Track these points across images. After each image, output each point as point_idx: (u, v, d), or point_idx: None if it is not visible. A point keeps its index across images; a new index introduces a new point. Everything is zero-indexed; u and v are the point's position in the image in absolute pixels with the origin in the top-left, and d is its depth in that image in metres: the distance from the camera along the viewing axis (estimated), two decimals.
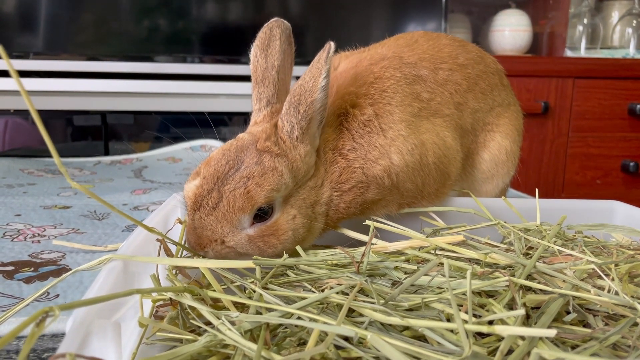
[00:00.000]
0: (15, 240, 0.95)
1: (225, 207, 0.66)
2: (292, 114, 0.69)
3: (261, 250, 0.68)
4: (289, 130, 0.70)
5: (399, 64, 0.83)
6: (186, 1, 2.24)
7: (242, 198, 0.66)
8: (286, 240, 0.69)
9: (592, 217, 0.86)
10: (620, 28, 2.81)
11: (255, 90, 0.76)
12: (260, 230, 0.68)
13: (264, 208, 0.67)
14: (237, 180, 0.66)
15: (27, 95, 0.48)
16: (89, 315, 0.47)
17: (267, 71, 0.75)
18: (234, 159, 0.68)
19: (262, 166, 0.67)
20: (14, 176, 1.56)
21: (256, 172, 0.67)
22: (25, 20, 2.13)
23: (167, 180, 1.57)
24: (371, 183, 0.75)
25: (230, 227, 0.66)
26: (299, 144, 0.70)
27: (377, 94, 0.78)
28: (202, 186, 0.67)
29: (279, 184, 0.67)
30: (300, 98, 0.68)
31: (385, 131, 0.76)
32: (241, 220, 0.66)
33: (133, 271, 0.60)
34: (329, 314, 0.54)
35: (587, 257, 0.62)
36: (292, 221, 0.69)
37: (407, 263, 0.63)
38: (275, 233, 0.68)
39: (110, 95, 2.13)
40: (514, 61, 2.50)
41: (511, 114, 0.97)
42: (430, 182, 0.80)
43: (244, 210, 0.66)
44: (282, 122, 0.70)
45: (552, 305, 0.52)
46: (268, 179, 0.67)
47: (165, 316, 0.57)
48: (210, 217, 0.66)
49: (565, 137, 2.53)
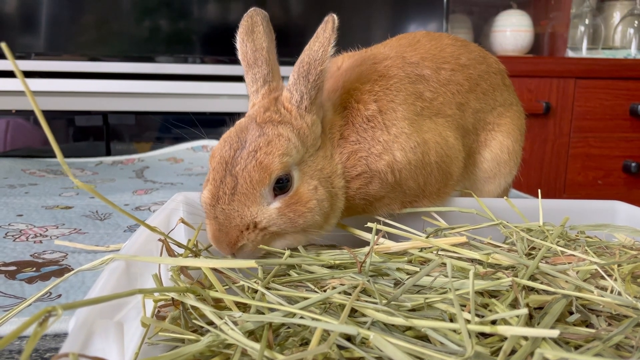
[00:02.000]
0: (17, 241, 0.95)
1: (243, 187, 0.66)
2: (302, 83, 0.70)
3: (293, 222, 0.67)
4: (298, 100, 0.70)
5: (402, 64, 0.83)
6: (187, 2, 2.24)
7: (257, 171, 0.65)
8: (313, 209, 0.69)
9: (594, 217, 0.86)
10: (622, 28, 2.80)
11: (250, 74, 0.76)
12: (285, 200, 0.68)
13: (283, 180, 0.67)
14: (245, 157, 0.66)
15: (32, 94, 0.48)
16: (91, 315, 0.47)
17: (257, 53, 0.76)
18: (237, 141, 0.69)
19: (266, 136, 0.67)
20: (15, 176, 1.56)
21: (262, 143, 0.67)
22: (27, 20, 2.13)
23: (168, 180, 1.57)
24: (374, 177, 0.76)
25: (256, 205, 0.66)
26: (307, 113, 0.71)
27: (381, 91, 0.78)
28: (214, 179, 0.67)
29: (288, 148, 0.67)
30: (309, 67, 0.69)
31: (389, 128, 0.77)
32: (263, 194, 0.66)
33: (135, 271, 0.60)
34: (332, 314, 0.54)
35: (589, 257, 0.62)
36: (315, 191, 0.69)
37: (410, 264, 0.63)
38: (300, 201, 0.68)
39: (111, 95, 2.13)
40: (516, 61, 2.50)
41: (513, 113, 0.97)
42: (432, 181, 0.80)
43: (263, 183, 0.66)
44: (290, 93, 0.71)
45: (555, 305, 0.52)
46: (275, 145, 0.67)
47: (168, 316, 0.57)
48: (232, 203, 0.66)
49: (566, 138, 2.53)
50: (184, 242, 0.80)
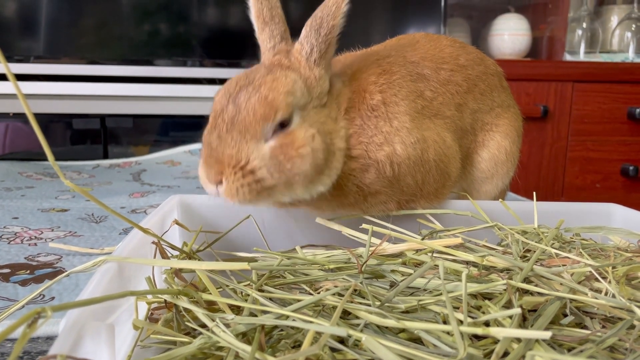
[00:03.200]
0: (12, 243, 0.95)
1: (245, 119, 0.65)
2: (313, 36, 0.71)
3: (281, 166, 0.66)
4: (308, 52, 0.71)
5: (404, 62, 0.84)
6: (186, 5, 2.24)
7: (262, 105, 0.65)
8: (305, 156, 0.67)
9: (589, 220, 0.85)
10: (619, 32, 2.81)
11: (266, 31, 0.76)
12: (279, 139, 0.67)
13: (284, 121, 0.67)
14: (250, 90, 0.66)
15: (23, 96, 0.48)
16: (82, 316, 0.47)
17: (274, 10, 0.76)
18: (244, 79, 0.69)
19: (273, 74, 0.68)
20: (12, 179, 1.56)
21: (268, 79, 0.67)
22: (26, 24, 2.13)
23: (165, 183, 1.57)
24: (371, 166, 0.75)
25: (255, 141, 0.65)
26: (316, 67, 0.72)
27: (385, 84, 0.79)
28: (214, 110, 0.67)
29: (294, 88, 0.67)
30: (322, 21, 0.70)
31: (391, 120, 0.77)
32: (264, 131, 0.66)
33: (128, 273, 0.60)
34: (325, 316, 0.54)
35: (584, 260, 0.62)
36: (311, 139, 0.68)
37: (404, 266, 0.63)
38: (293, 143, 0.67)
39: (110, 98, 2.13)
40: (514, 65, 2.50)
41: (511, 115, 0.98)
42: (430, 180, 0.80)
43: (267, 119, 0.65)
44: (300, 45, 0.72)
45: (549, 307, 0.52)
46: (281, 82, 0.67)
47: (160, 318, 0.56)
48: (231, 132, 0.65)
49: (564, 141, 2.53)
50: (178, 244, 0.80)
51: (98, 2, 2.21)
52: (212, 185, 0.67)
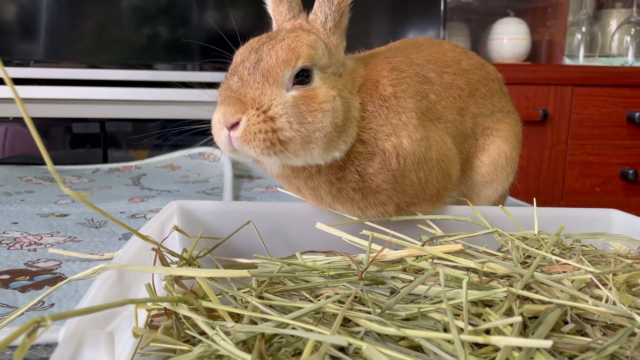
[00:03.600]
0: (11, 249, 0.94)
1: (267, 63, 0.67)
2: (327, 5, 0.74)
3: (302, 117, 0.67)
4: (323, 21, 0.74)
5: (410, 62, 0.85)
6: (186, 9, 2.24)
7: (284, 50, 0.67)
8: (326, 112, 0.69)
9: (590, 226, 0.85)
10: (619, 36, 2.81)
11: (285, 2, 0.78)
12: (303, 92, 0.69)
13: (304, 73, 0.69)
14: (272, 43, 0.69)
15: (20, 100, 0.48)
16: (82, 324, 0.47)
17: None
18: (266, 37, 0.72)
19: (295, 32, 0.71)
20: (12, 184, 1.56)
21: (291, 35, 0.70)
22: (25, 28, 2.13)
23: (165, 188, 1.56)
24: (377, 154, 0.76)
25: (277, 86, 0.67)
26: (332, 35, 0.75)
27: (395, 79, 0.80)
28: (235, 61, 0.70)
29: (316, 44, 0.70)
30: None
31: (400, 114, 0.78)
32: (285, 76, 0.68)
33: (128, 280, 0.60)
34: (326, 324, 0.53)
35: (584, 266, 0.61)
36: (333, 99, 0.70)
37: (404, 272, 0.63)
38: (316, 98, 0.69)
39: (109, 102, 2.13)
40: (513, 69, 2.50)
41: (511, 120, 0.98)
42: (433, 180, 0.81)
43: (288, 64, 0.67)
44: (315, 15, 0.75)
45: (549, 315, 0.52)
46: (303, 35, 0.70)
47: (160, 326, 0.56)
48: (253, 75, 0.67)
49: (564, 145, 2.53)
50: (178, 249, 0.80)
51: (97, 6, 2.21)
52: (226, 130, 0.67)
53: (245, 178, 1.74)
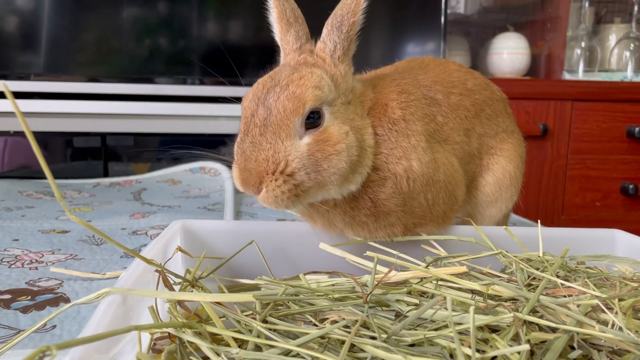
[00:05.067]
0: (12, 267, 0.94)
1: (277, 117, 0.67)
2: (335, 34, 0.73)
3: (319, 163, 0.68)
4: (332, 49, 0.73)
5: (418, 85, 0.85)
6: (186, 23, 2.26)
7: (290, 100, 0.67)
8: (341, 152, 0.69)
9: (592, 246, 0.85)
10: (618, 51, 2.83)
11: (292, 31, 0.77)
12: (315, 135, 0.68)
13: (315, 115, 0.68)
14: (277, 91, 0.68)
15: (22, 115, 0.48)
16: (87, 352, 0.46)
17: (296, 10, 0.78)
18: (270, 81, 0.70)
19: (299, 73, 0.70)
20: (12, 199, 1.56)
21: (295, 77, 0.69)
22: (26, 41, 2.14)
23: (166, 203, 1.56)
24: (389, 179, 0.76)
25: (289, 139, 0.67)
26: (340, 63, 0.74)
27: (404, 102, 0.80)
28: (245, 116, 0.69)
29: (321, 83, 0.69)
30: (342, 19, 0.72)
31: (409, 137, 0.78)
32: (296, 126, 0.67)
33: (132, 302, 0.60)
34: (331, 349, 0.53)
35: (590, 290, 0.61)
36: (346, 136, 0.70)
37: (409, 295, 0.63)
38: (330, 140, 0.69)
39: (110, 117, 2.13)
40: (513, 84, 2.51)
41: (515, 141, 0.98)
42: (440, 201, 0.81)
43: (297, 112, 0.67)
44: (323, 43, 0.74)
45: (556, 342, 0.51)
46: (308, 79, 0.69)
47: (164, 349, 0.56)
48: (264, 135, 0.67)
49: (564, 159, 2.53)
50: (181, 269, 0.79)
51: (98, 20, 2.22)
52: (251, 192, 0.69)
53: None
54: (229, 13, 2.29)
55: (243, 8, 2.29)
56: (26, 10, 2.13)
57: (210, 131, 2.23)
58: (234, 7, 2.30)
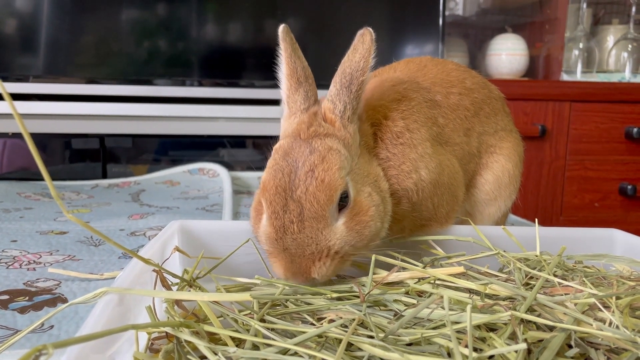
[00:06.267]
0: (10, 268, 0.94)
1: (312, 211, 0.63)
2: (345, 93, 0.70)
3: (361, 234, 0.67)
4: (342, 110, 0.70)
5: (417, 88, 0.85)
6: (185, 25, 2.26)
7: (321, 190, 0.63)
8: (374, 217, 0.68)
9: (591, 245, 0.85)
10: (616, 52, 2.83)
11: (301, 90, 0.73)
12: (348, 213, 0.66)
13: (343, 194, 0.66)
14: (303, 179, 0.64)
15: (20, 117, 0.48)
16: (83, 351, 0.46)
17: (306, 70, 0.74)
18: (287, 165, 0.66)
19: (317, 152, 0.65)
20: (11, 200, 1.56)
21: (316, 160, 0.65)
22: (25, 43, 2.14)
23: (164, 204, 1.56)
24: (403, 196, 0.76)
25: (328, 227, 0.65)
26: (350, 123, 0.71)
27: (406, 110, 0.80)
28: (274, 211, 0.65)
29: (342, 161, 0.66)
30: (351, 78, 0.69)
31: (416, 146, 0.78)
32: (332, 213, 0.65)
33: (129, 302, 0.60)
34: (328, 348, 0.53)
35: (587, 289, 0.61)
36: (370, 198, 0.69)
37: (407, 295, 0.63)
38: (362, 210, 0.67)
39: (109, 118, 2.13)
40: (511, 85, 2.52)
41: (513, 139, 0.99)
42: (443, 203, 0.81)
43: (330, 201, 0.64)
44: (332, 104, 0.70)
45: (553, 340, 0.51)
46: (330, 159, 0.65)
47: (161, 349, 0.56)
48: (304, 230, 0.64)
49: (562, 160, 2.54)
50: (179, 269, 0.79)
51: (97, 22, 2.23)
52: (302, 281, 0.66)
53: (244, 194, 1.74)
54: (228, 15, 2.29)
55: (241, 10, 2.30)
56: (25, 12, 2.13)
57: (209, 133, 2.23)
58: (232, 9, 2.30)
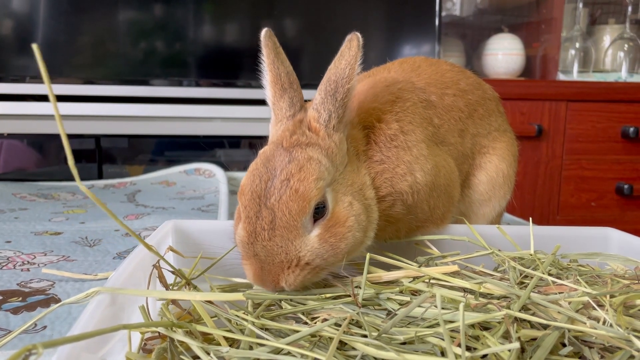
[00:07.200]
0: (4, 269, 0.93)
1: (283, 220, 0.62)
2: (330, 102, 0.68)
3: (334, 247, 0.64)
4: (327, 119, 0.68)
5: (412, 88, 0.84)
6: (182, 25, 2.25)
7: (294, 200, 0.62)
8: (352, 227, 0.66)
9: (586, 244, 0.85)
10: (612, 52, 2.84)
11: (286, 97, 0.71)
12: (324, 224, 0.65)
13: (320, 205, 0.64)
14: (278, 187, 0.63)
15: (60, 119, 0.48)
16: (74, 351, 0.46)
17: (291, 75, 0.72)
18: (266, 172, 0.65)
19: (295, 162, 0.64)
20: (5, 201, 1.55)
21: (293, 169, 0.63)
22: (21, 43, 2.13)
23: (160, 205, 1.56)
24: (397, 199, 0.75)
25: (299, 238, 0.63)
26: (335, 132, 0.69)
27: (400, 112, 0.79)
28: (248, 216, 0.64)
29: (321, 171, 0.64)
30: (336, 85, 0.68)
31: (411, 148, 0.77)
32: (304, 224, 0.63)
33: (122, 301, 0.59)
34: (322, 347, 0.53)
35: (581, 288, 0.61)
36: (350, 207, 0.67)
37: (401, 294, 0.62)
38: (339, 222, 0.65)
39: (104, 119, 2.13)
40: (508, 84, 2.52)
41: (507, 139, 0.98)
42: (440, 204, 0.81)
43: (303, 212, 0.62)
44: (317, 112, 0.68)
45: (547, 338, 0.51)
46: (308, 170, 0.63)
47: (154, 349, 0.55)
48: (274, 239, 0.62)
49: (559, 160, 2.54)
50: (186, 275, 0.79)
51: (93, 22, 2.22)
52: (270, 288, 0.65)
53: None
54: (224, 15, 2.29)
55: (238, 10, 2.29)
56: (21, 13, 2.13)
57: (206, 133, 2.23)
58: (229, 9, 2.30)
